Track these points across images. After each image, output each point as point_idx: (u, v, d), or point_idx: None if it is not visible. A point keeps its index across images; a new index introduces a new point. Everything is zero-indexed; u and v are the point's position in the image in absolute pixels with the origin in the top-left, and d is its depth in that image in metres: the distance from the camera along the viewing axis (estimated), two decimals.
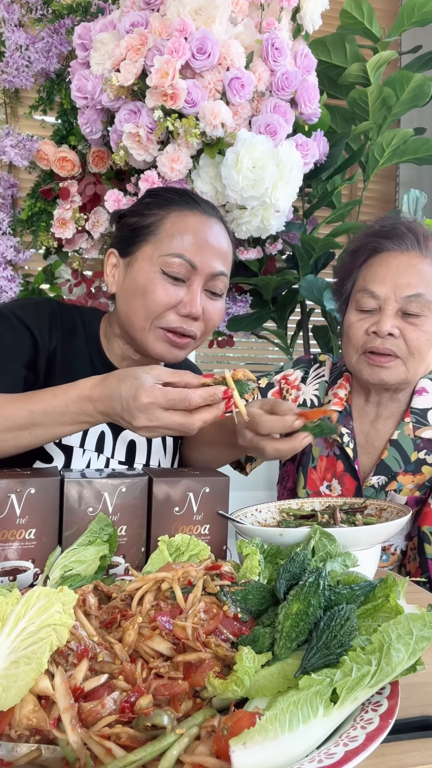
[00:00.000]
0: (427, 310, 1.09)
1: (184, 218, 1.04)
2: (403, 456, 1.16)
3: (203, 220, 1.05)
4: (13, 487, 0.79)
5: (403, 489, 1.15)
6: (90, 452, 1.10)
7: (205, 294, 1.04)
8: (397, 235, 1.13)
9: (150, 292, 1.01)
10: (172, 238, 1.02)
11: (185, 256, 1.01)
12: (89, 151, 2.01)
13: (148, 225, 1.05)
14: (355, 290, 1.16)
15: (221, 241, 1.06)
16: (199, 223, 1.04)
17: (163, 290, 1.01)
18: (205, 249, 1.02)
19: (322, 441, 1.22)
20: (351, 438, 1.18)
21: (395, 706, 0.51)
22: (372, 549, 0.85)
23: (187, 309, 1.01)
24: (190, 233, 1.02)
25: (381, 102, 1.98)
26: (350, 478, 1.19)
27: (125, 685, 0.52)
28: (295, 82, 1.67)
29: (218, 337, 2.34)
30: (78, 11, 2.04)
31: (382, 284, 1.10)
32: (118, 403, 0.83)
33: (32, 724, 0.48)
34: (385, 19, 2.64)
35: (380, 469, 1.17)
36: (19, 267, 2.23)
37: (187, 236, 1.02)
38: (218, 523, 0.88)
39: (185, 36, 1.54)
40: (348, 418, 1.20)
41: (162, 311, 1.02)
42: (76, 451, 1.09)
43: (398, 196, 2.87)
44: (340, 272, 1.22)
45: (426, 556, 1.11)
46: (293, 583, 0.62)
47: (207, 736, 0.48)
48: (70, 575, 0.74)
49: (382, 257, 1.13)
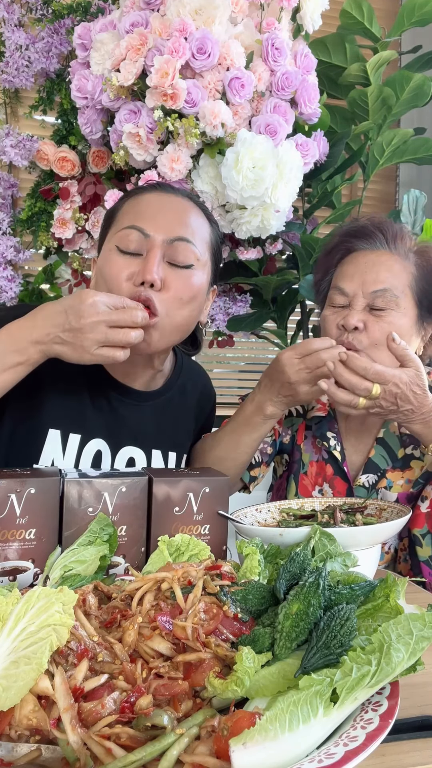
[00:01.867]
0: (394, 305, 1.11)
1: (140, 197, 1.03)
2: (390, 453, 1.18)
3: (161, 196, 1.03)
4: (13, 487, 0.79)
5: (393, 486, 1.16)
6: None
7: (167, 265, 0.97)
8: (366, 235, 1.17)
9: (104, 269, 0.98)
10: (126, 215, 1.01)
11: (136, 226, 0.97)
12: (89, 151, 2.01)
13: (110, 215, 1.05)
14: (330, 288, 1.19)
15: (182, 210, 1.01)
16: (155, 197, 1.02)
17: (116, 263, 0.97)
18: (158, 216, 0.98)
19: (311, 446, 1.24)
20: (338, 441, 1.19)
21: (395, 706, 0.51)
22: (372, 549, 0.85)
23: (140, 276, 0.94)
24: (143, 205, 1.00)
25: (381, 102, 1.98)
26: (340, 481, 1.20)
27: (125, 685, 0.52)
28: (295, 82, 1.67)
29: (218, 337, 2.34)
30: (78, 11, 2.04)
31: (351, 281, 1.13)
32: (60, 321, 0.85)
33: (32, 724, 0.48)
34: (385, 19, 2.64)
35: (368, 467, 1.18)
36: (19, 267, 2.23)
37: (140, 208, 1.00)
38: (218, 523, 0.88)
39: (185, 36, 1.54)
40: (333, 422, 1.21)
41: (117, 285, 0.96)
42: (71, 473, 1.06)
43: (398, 196, 2.87)
44: (317, 272, 1.26)
45: (418, 559, 1.11)
46: (293, 583, 0.62)
47: (207, 736, 0.48)
48: (70, 575, 0.74)
49: (353, 256, 1.17)
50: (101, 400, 1.08)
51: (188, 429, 1.23)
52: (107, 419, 1.08)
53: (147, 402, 1.12)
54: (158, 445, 1.14)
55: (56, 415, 1.03)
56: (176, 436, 1.18)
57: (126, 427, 1.10)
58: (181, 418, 1.20)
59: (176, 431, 1.18)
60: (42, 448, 1.02)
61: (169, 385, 1.17)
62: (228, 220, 1.75)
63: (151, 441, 1.13)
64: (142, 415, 1.12)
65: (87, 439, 1.05)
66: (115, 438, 1.08)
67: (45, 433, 1.02)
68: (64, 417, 1.03)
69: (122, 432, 1.09)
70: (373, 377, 0.99)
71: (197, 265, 1.00)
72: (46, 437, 1.02)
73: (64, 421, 1.03)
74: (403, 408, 1.02)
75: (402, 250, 1.16)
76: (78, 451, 1.04)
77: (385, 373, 0.99)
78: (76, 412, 1.05)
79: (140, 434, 1.11)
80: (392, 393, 1.00)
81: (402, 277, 1.13)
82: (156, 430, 1.13)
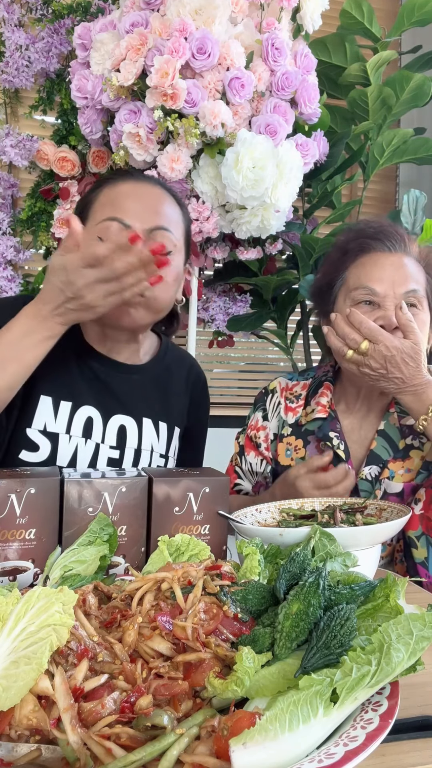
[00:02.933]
0: (420, 305, 1.16)
1: (115, 187, 1.07)
2: (392, 444, 1.19)
3: (135, 185, 1.08)
4: (13, 487, 0.79)
5: (395, 476, 1.17)
6: (77, 438, 1.09)
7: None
8: (386, 236, 1.20)
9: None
10: (104, 206, 1.05)
11: (117, 218, 1.02)
12: (89, 151, 2.01)
13: (85, 205, 1.09)
14: (347, 288, 1.20)
15: (158, 199, 1.07)
16: (130, 187, 1.07)
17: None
18: (137, 207, 1.04)
19: (315, 449, 1.24)
20: (341, 440, 1.20)
21: (395, 706, 0.51)
22: (372, 549, 0.85)
23: None
24: (121, 196, 1.05)
25: (381, 102, 1.98)
26: None
27: (125, 685, 0.52)
28: (295, 82, 1.67)
29: (218, 337, 2.34)
30: (78, 11, 2.04)
31: (380, 282, 1.15)
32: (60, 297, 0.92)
33: (32, 724, 0.48)
34: (385, 19, 2.64)
35: (371, 459, 1.19)
36: (19, 267, 2.23)
37: (118, 200, 1.05)
38: (218, 523, 0.88)
39: (185, 36, 1.54)
40: (335, 422, 1.22)
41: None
42: (62, 438, 1.08)
43: (398, 196, 2.87)
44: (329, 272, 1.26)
45: (414, 561, 1.11)
46: (293, 583, 0.62)
47: (207, 736, 0.48)
48: (70, 575, 0.74)
49: (373, 257, 1.19)
50: (88, 371, 1.13)
51: (180, 404, 1.26)
52: (96, 388, 1.13)
53: (133, 375, 1.18)
54: (148, 414, 1.18)
55: (47, 382, 1.08)
56: (167, 408, 1.22)
57: (115, 396, 1.15)
58: (171, 393, 1.24)
59: (166, 403, 1.22)
60: (34, 413, 1.07)
61: (154, 362, 1.22)
62: (228, 220, 1.75)
63: (141, 410, 1.17)
64: (130, 386, 1.17)
65: (78, 405, 1.10)
66: (105, 406, 1.13)
67: (37, 400, 1.08)
68: (55, 384, 1.09)
69: (111, 401, 1.14)
70: (365, 332, 1.05)
71: (175, 250, 1.07)
72: (38, 403, 1.08)
73: (56, 389, 1.09)
74: (392, 375, 1.05)
75: (414, 253, 1.21)
76: (69, 417, 1.09)
77: (378, 333, 1.05)
78: (66, 381, 1.10)
79: (129, 403, 1.16)
80: (382, 354, 1.04)
81: (421, 279, 1.18)
82: (145, 401, 1.18)
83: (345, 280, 1.21)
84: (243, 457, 1.33)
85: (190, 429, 1.30)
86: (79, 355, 1.13)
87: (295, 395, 1.31)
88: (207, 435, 1.38)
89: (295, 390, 1.32)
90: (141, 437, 1.16)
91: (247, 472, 1.33)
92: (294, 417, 1.29)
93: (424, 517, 1.11)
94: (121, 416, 1.14)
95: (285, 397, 1.32)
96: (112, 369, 1.15)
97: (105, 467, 1.12)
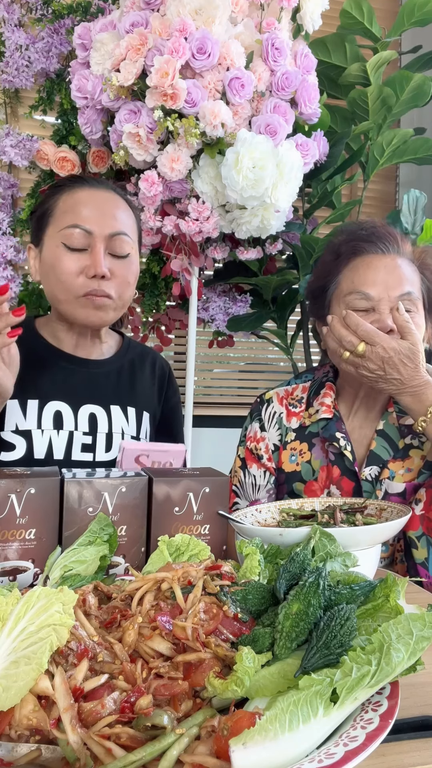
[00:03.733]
0: (415, 307, 1.16)
1: (73, 194, 1.16)
2: (391, 444, 1.19)
3: (92, 192, 1.16)
4: (13, 487, 0.79)
5: (396, 476, 1.17)
6: (49, 431, 1.16)
7: (109, 257, 1.14)
8: (378, 239, 1.19)
9: (57, 265, 1.12)
10: (65, 213, 1.14)
11: (80, 225, 1.12)
12: (89, 151, 2.01)
13: (45, 210, 1.17)
14: (340, 292, 1.20)
15: (114, 205, 1.16)
16: (87, 195, 1.16)
17: (67, 260, 1.12)
18: (97, 214, 1.13)
19: (321, 452, 1.23)
20: (347, 441, 1.19)
21: (395, 706, 0.51)
22: (372, 549, 0.85)
23: (92, 270, 1.11)
24: (80, 204, 1.14)
25: (381, 102, 1.98)
26: (347, 480, 1.20)
27: (125, 685, 0.52)
28: (295, 82, 1.67)
29: (218, 337, 2.34)
30: (78, 11, 2.04)
31: (374, 285, 1.15)
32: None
33: (32, 724, 0.48)
34: (385, 19, 2.64)
35: (371, 459, 1.19)
36: (19, 267, 2.23)
37: (78, 207, 1.13)
38: (218, 523, 0.89)
39: (185, 36, 1.54)
40: (340, 422, 1.22)
41: (72, 279, 1.11)
42: (35, 433, 1.15)
43: (398, 196, 2.87)
44: (321, 276, 1.25)
45: (414, 561, 1.11)
46: (293, 583, 0.62)
47: (207, 736, 0.48)
48: (70, 575, 0.74)
49: (366, 260, 1.18)
50: (53, 368, 1.21)
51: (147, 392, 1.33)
52: (62, 384, 1.20)
53: (98, 369, 1.26)
54: (115, 401, 1.25)
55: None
56: (133, 395, 1.28)
57: (81, 388, 1.22)
58: (137, 382, 1.31)
59: (132, 391, 1.29)
60: (3, 418, 1.14)
61: (117, 357, 1.30)
62: (228, 220, 1.75)
63: (108, 398, 1.24)
64: (96, 378, 1.25)
65: (45, 402, 1.18)
66: (73, 398, 1.20)
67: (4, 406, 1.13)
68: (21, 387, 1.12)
69: (78, 393, 1.21)
70: (362, 334, 1.06)
71: (132, 252, 1.17)
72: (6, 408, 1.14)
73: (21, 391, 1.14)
74: (390, 376, 1.06)
75: (408, 253, 1.20)
76: (38, 413, 1.17)
77: (374, 335, 1.05)
78: (29, 382, 1.16)
79: (96, 393, 1.23)
80: (379, 356, 1.05)
81: (415, 280, 1.17)
82: (112, 390, 1.25)
83: (338, 284, 1.21)
84: (245, 470, 1.32)
85: (166, 415, 1.37)
86: (44, 357, 1.21)
87: (297, 399, 1.31)
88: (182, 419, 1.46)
89: (296, 394, 1.32)
90: (111, 422, 1.22)
91: (249, 486, 1.32)
92: (298, 421, 1.28)
93: (424, 518, 1.11)
94: (89, 405, 1.21)
95: (287, 404, 1.31)
96: (77, 365, 1.23)
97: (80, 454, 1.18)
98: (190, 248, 1.81)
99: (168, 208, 1.78)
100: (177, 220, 1.74)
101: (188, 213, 1.72)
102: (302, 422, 1.28)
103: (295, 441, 1.27)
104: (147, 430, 1.30)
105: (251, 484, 1.31)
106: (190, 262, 1.86)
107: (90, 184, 1.17)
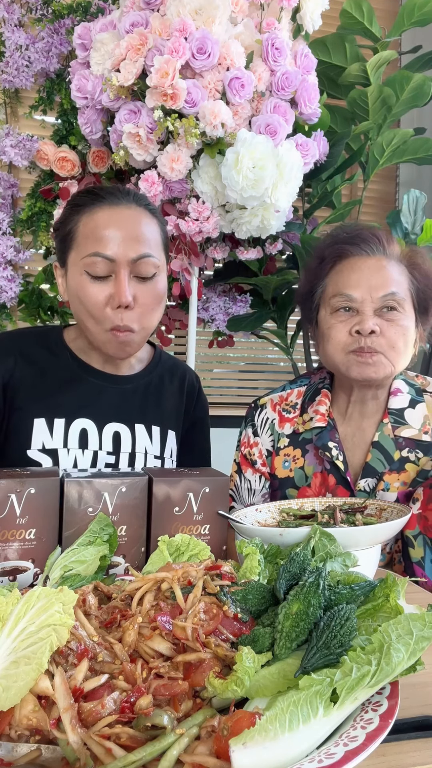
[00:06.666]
0: (401, 308, 1.14)
1: (92, 216, 1.09)
2: (387, 456, 1.19)
3: (112, 212, 1.09)
4: (13, 487, 0.79)
5: (390, 488, 1.17)
6: (74, 450, 1.14)
7: (135, 280, 1.08)
8: (363, 240, 1.18)
9: (82, 296, 1.08)
10: (86, 239, 1.08)
11: (101, 253, 1.05)
12: (89, 151, 2.01)
13: (68, 233, 1.11)
14: (327, 296, 1.20)
15: (135, 223, 1.09)
16: (108, 216, 1.08)
17: (92, 290, 1.07)
18: (119, 238, 1.06)
19: (314, 458, 1.23)
20: (339, 450, 1.19)
21: (395, 706, 0.51)
22: (372, 549, 0.85)
23: (116, 300, 1.06)
24: (101, 229, 1.07)
25: (381, 102, 1.98)
26: (343, 489, 1.20)
27: (125, 685, 0.52)
28: (295, 82, 1.67)
29: (218, 337, 2.34)
30: (78, 11, 2.04)
31: (357, 287, 1.14)
32: None
33: (32, 724, 0.48)
34: (385, 19, 2.64)
35: (367, 471, 1.19)
36: (19, 267, 2.23)
37: (98, 232, 1.07)
38: (218, 523, 0.89)
39: (185, 36, 1.54)
40: (333, 431, 1.21)
41: (101, 313, 1.07)
42: (61, 452, 1.13)
43: (398, 196, 2.86)
44: (308, 281, 1.25)
45: (411, 560, 1.11)
46: (293, 583, 0.62)
47: (207, 736, 0.48)
48: (70, 575, 0.74)
49: (350, 262, 1.18)
50: (81, 385, 1.18)
51: (175, 409, 1.29)
52: (88, 401, 1.18)
53: (126, 385, 1.23)
54: (140, 420, 1.22)
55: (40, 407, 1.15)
56: (159, 413, 1.25)
57: (108, 405, 1.19)
58: (164, 398, 1.28)
59: (159, 408, 1.26)
60: (31, 435, 1.13)
61: (146, 371, 1.27)
62: (228, 220, 1.75)
63: (134, 417, 1.21)
64: (124, 395, 1.22)
65: (71, 420, 1.15)
66: (99, 416, 1.18)
67: (32, 423, 1.13)
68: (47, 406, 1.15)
69: (105, 410, 1.19)
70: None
71: (158, 271, 1.11)
72: (33, 426, 1.13)
73: (48, 410, 1.14)
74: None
75: (395, 254, 1.19)
76: (65, 431, 1.14)
77: None
78: (58, 401, 1.16)
79: (123, 411, 1.21)
80: None
81: (402, 280, 1.16)
82: (138, 408, 1.22)
83: (324, 288, 1.21)
84: (241, 475, 1.32)
85: (190, 432, 1.32)
86: (72, 373, 1.18)
87: (291, 405, 1.30)
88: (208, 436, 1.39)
89: (290, 399, 1.31)
90: (134, 442, 1.20)
91: (245, 490, 1.32)
92: (291, 427, 1.28)
93: (421, 517, 1.11)
94: (114, 424, 1.18)
95: (280, 410, 1.30)
96: (105, 382, 1.20)
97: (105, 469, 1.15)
98: (190, 248, 1.81)
99: (168, 208, 1.78)
100: (177, 220, 1.74)
101: (188, 213, 1.72)
102: (296, 428, 1.27)
103: (289, 447, 1.27)
104: (173, 449, 1.27)
105: (247, 489, 1.31)
106: (190, 262, 1.86)
107: (109, 201, 1.10)
